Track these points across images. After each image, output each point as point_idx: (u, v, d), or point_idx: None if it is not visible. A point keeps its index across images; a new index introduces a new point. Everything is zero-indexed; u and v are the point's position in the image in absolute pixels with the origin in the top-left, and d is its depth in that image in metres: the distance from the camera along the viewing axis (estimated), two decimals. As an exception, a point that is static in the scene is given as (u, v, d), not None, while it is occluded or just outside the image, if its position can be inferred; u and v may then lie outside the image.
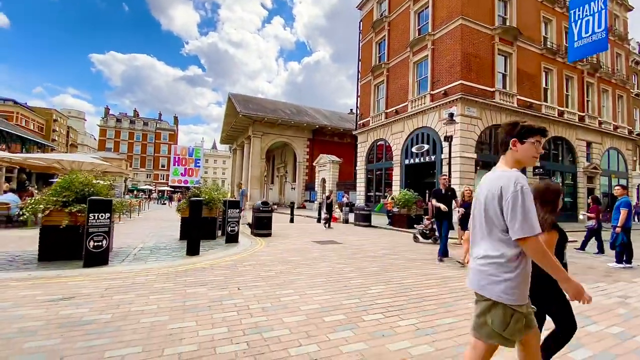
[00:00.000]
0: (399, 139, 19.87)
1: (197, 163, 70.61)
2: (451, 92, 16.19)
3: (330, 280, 4.78)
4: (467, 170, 15.85)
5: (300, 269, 5.45)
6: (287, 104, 39.17)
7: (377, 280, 4.81)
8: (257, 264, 5.77)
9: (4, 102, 60.29)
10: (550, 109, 19.01)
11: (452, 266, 5.99)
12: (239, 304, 3.63)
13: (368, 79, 23.60)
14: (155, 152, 72.45)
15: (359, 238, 9.90)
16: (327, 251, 7.29)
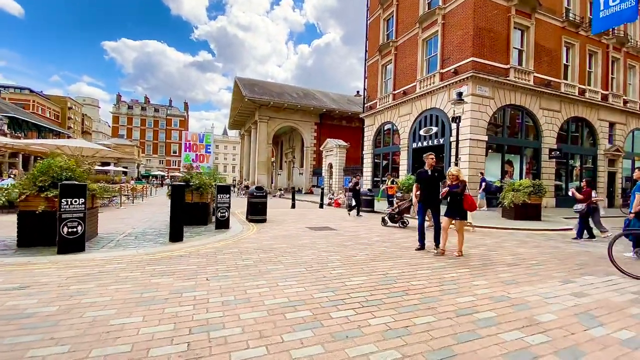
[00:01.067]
0: (407, 122, 19.09)
1: (207, 149, 70.90)
2: (462, 70, 15.26)
3: (310, 269, 4.42)
4: (477, 154, 15.08)
5: (282, 257, 5.12)
6: (295, 88, 38.42)
7: (360, 271, 4.42)
8: (238, 251, 5.47)
9: (20, 90, 61.65)
10: (570, 87, 17.78)
11: (446, 256, 5.54)
12: (200, 296, 3.32)
13: (375, 58, 22.63)
14: (166, 139, 73.17)
15: (356, 224, 9.51)
16: (318, 238, 6.94)
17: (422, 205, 5.87)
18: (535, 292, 3.67)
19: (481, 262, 5.12)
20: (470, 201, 5.37)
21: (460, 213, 5.42)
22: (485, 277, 4.27)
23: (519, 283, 4.02)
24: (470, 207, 5.42)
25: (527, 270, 4.65)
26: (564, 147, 17.34)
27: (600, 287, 3.96)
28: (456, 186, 5.41)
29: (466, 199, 5.35)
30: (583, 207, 7.29)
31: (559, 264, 5.07)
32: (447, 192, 5.45)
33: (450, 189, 5.44)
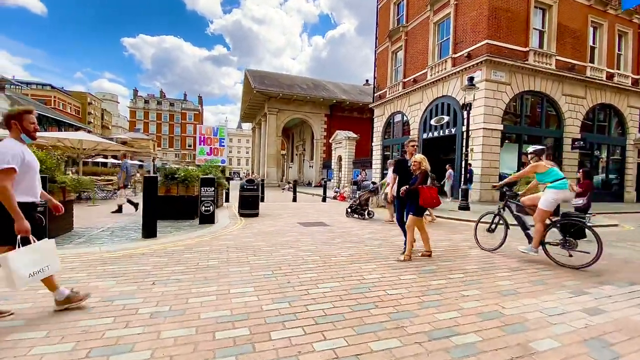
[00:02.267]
0: (417, 111, 18.15)
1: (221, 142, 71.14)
2: (475, 54, 14.20)
3: (277, 273, 3.90)
4: (491, 144, 14.08)
5: (253, 257, 4.61)
6: (305, 79, 37.72)
7: (334, 275, 3.86)
8: (209, 249, 5.00)
9: (42, 87, 63.59)
10: (597, 71, 16.34)
11: (437, 258, 4.89)
12: (130, 305, 2.85)
13: (385, 45, 21.62)
14: (182, 132, 74.17)
15: (353, 219, 8.90)
16: (305, 235, 6.40)
17: (399, 201, 5.01)
18: (537, 307, 3.01)
19: (480, 265, 4.45)
20: (426, 196, 4.47)
21: (415, 208, 4.60)
22: (480, 285, 3.62)
23: (519, 294, 3.36)
24: (425, 202, 4.52)
25: (533, 277, 3.95)
26: (588, 136, 16.01)
27: (620, 300, 3.24)
28: (416, 178, 4.62)
29: (421, 194, 4.48)
30: (583, 201, 6.43)
31: (572, 270, 4.33)
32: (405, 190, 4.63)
33: (412, 181, 4.67)
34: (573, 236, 4.55)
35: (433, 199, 4.54)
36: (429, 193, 4.50)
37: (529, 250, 4.81)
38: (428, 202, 4.52)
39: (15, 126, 2.59)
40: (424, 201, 4.48)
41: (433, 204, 4.62)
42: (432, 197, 4.53)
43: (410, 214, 4.67)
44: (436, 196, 4.60)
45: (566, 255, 4.62)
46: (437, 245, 5.68)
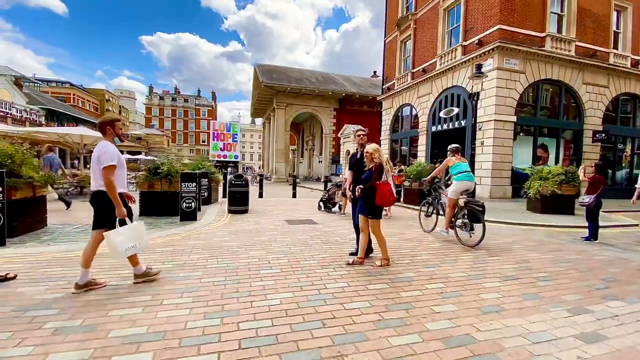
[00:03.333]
0: (426, 103, 17.33)
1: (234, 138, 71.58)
2: (487, 40, 13.29)
3: (229, 280, 3.47)
4: (503, 137, 13.20)
5: (214, 260, 4.21)
6: (315, 73, 37.08)
7: (294, 283, 3.40)
8: (173, 250, 4.63)
9: (62, 84, 65.51)
10: (621, 57, 15.07)
11: (416, 265, 4.35)
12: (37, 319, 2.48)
13: (394, 34, 20.77)
14: (196, 128, 75.03)
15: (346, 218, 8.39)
16: (285, 234, 5.95)
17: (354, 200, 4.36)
18: (521, 330, 2.46)
19: (467, 272, 3.89)
20: (383, 193, 3.84)
21: (371, 208, 3.97)
22: (460, 298, 3.08)
23: (504, 311, 2.80)
24: (382, 201, 3.88)
25: (527, 289, 3.37)
26: (611, 128, 14.82)
27: (628, 322, 2.64)
28: (369, 172, 3.99)
29: (378, 191, 3.85)
30: (590, 199, 5.68)
31: (576, 280, 3.71)
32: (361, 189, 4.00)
33: (366, 175, 4.03)
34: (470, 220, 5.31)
35: (390, 197, 3.93)
36: (385, 190, 3.86)
37: (442, 231, 5.70)
38: (386, 201, 3.89)
39: (109, 131, 3.21)
40: (382, 199, 3.85)
41: (391, 202, 4.01)
42: (390, 194, 3.90)
43: (367, 215, 4.03)
44: (392, 192, 3.97)
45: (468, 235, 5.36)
46: (427, 247, 5.13)
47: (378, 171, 3.92)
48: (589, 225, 5.91)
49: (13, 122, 28.91)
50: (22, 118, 33.14)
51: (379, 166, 3.93)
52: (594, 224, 5.86)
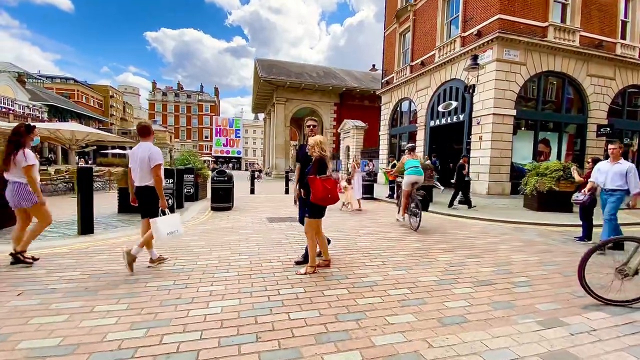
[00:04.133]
0: (425, 97, 16.88)
1: (237, 134, 71.81)
2: (486, 31, 12.80)
3: (178, 284, 3.22)
4: (502, 131, 12.74)
5: (172, 261, 3.97)
6: (316, 67, 36.63)
7: (246, 288, 3.14)
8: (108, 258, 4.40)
9: (66, 80, 65.83)
10: (628, 48, 14.43)
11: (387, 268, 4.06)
12: (-58, 329, 2.26)
13: (393, 27, 20.26)
14: (199, 124, 75.06)
15: (334, 214, 8.10)
16: (260, 233, 5.69)
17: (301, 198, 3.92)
18: (480, 347, 2.16)
19: (440, 275, 3.59)
20: (317, 190, 3.40)
21: (309, 206, 3.58)
22: (422, 306, 2.79)
23: (467, 323, 2.51)
24: (316, 198, 3.42)
25: (500, 296, 3.06)
26: (617, 122, 14.26)
27: (606, 338, 2.33)
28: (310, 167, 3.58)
29: (312, 186, 3.44)
30: (584, 196, 5.30)
31: (558, 286, 3.39)
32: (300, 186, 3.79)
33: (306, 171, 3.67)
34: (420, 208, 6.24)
35: (327, 194, 3.45)
36: (322, 186, 3.42)
37: (399, 217, 7.00)
38: (319, 198, 3.42)
39: (153, 134, 3.81)
40: (315, 197, 3.43)
41: (328, 200, 3.49)
42: (327, 191, 3.43)
43: (306, 215, 3.64)
44: (332, 190, 3.49)
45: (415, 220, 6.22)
46: (404, 247, 4.83)
47: (316, 165, 3.49)
48: (583, 225, 5.56)
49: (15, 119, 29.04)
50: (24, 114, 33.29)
51: (318, 160, 3.49)
52: (587, 224, 5.50)
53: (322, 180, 3.44)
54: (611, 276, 2.96)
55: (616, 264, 2.96)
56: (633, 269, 2.85)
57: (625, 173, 4.68)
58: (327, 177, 3.51)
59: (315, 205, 3.54)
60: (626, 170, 4.69)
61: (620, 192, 4.73)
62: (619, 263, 2.94)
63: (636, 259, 2.87)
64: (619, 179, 4.72)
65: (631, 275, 2.86)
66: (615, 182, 4.76)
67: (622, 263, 2.93)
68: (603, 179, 4.94)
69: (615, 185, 4.76)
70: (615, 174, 4.77)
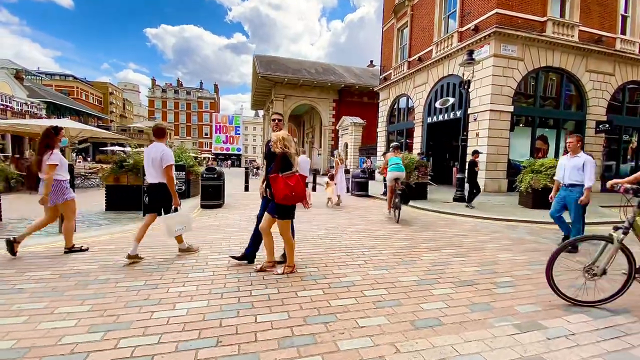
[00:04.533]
0: (422, 93, 16.71)
1: (237, 130, 71.63)
2: (483, 26, 12.61)
3: (148, 285, 3.13)
4: (499, 128, 12.60)
5: (148, 260, 3.88)
6: (315, 63, 36.37)
7: (218, 289, 3.04)
8: (112, 249, 4.32)
9: (65, 77, 65.69)
10: (629, 43, 14.22)
11: (362, 268, 3.96)
12: None
13: (391, 22, 20.05)
14: (198, 121, 74.88)
15: (325, 212, 7.99)
16: (244, 231, 5.55)
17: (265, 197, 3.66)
18: (449, 352, 2.06)
19: (421, 277, 3.48)
20: (277, 188, 3.21)
21: (276, 206, 3.36)
22: (396, 308, 2.69)
23: (441, 326, 2.41)
24: (278, 197, 3.22)
25: (480, 297, 2.96)
26: (616, 119, 14.08)
27: (584, 343, 2.22)
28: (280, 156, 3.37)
29: (273, 186, 3.25)
30: None
31: (541, 286, 3.26)
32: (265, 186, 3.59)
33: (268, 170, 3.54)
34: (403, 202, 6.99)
35: (290, 192, 3.21)
36: (283, 185, 3.20)
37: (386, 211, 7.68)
38: (281, 197, 3.21)
39: (167, 136, 3.97)
40: (277, 196, 3.23)
41: (290, 199, 3.26)
42: (289, 188, 3.21)
43: (272, 214, 3.39)
44: (295, 187, 3.24)
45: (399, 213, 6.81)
46: (390, 246, 4.73)
47: (278, 162, 3.34)
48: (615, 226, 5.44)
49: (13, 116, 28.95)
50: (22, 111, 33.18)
51: (280, 156, 3.33)
52: None
53: (285, 177, 3.24)
54: (580, 277, 2.88)
55: (584, 264, 2.87)
56: (601, 269, 2.76)
57: (582, 166, 4.44)
58: (290, 174, 3.31)
59: (281, 205, 3.33)
60: (582, 163, 4.45)
61: (580, 187, 4.47)
62: (587, 263, 2.85)
63: (604, 258, 2.77)
64: (577, 174, 4.49)
65: (599, 275, 2.76)
66: (573, 177, 4.53)
67: (590, 263, 2.83)
68: (562, 174, 4.73)
69: (573, 180, 4.52)
70: (573, 168, 4.53)
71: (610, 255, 2.74)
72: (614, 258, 2.75)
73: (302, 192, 3.37)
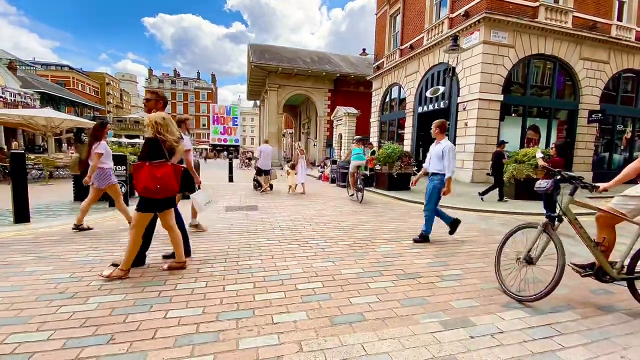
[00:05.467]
0: (413, 82, 16.37)
1: (235, 121, 71.06)
2: (473, 11, 12.22)
3: (74, 277, 2.98)
4: (489, 117, 12.31)
5: (88, 251, 3.73)
6: (310, 52, 35.77)
7: (141, 280, 2.88)
8: (56, 240, 4.17)
9: (61, 68, 65.08)
10: (624, 30, 13.80)
11: (316, 258, 3.79)
12: None
13: (384, 8, 19.55)
14: (196, 111, 74.38)
15: (297, 204, 7.82)
16: (204, 223, 5.42)
17: None
18: (357, 352, 1.90)
19: (366, 269, 3.32)
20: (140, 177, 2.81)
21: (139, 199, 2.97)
22: (325, 302, 2.52)
23: (362, 322, 2.24)
24: (137, 187, 2.83)
25: (418, 290, 2.80)
26: (610, 108, 13.75)
27: (508, 342, 2.06)
28: None
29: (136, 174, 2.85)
30: (547, 184, 4.93)
31: (490, 279, 3.11)
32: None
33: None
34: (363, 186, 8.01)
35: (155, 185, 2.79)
36: (148, 174, 2.79)
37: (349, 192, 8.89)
38: (141, 187, 2.81)
39: (183, 126, 4.31)
40: (137, 185, 2.83)
41: (154, 192, 2.81)
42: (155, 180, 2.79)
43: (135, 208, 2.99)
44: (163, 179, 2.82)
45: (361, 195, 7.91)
46: (349, 237, 4.56)
47: (146, 147, 2.92)
48: (547, 214, 5.25)
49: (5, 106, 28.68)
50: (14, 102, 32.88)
51: (148, 141, 2.90)
52: (552, 212, 5.18)
53: (152, 167, 2.83)
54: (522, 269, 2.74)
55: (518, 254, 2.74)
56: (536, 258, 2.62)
57: (442, 154, 4.18)
58: (159, 163, 2.87)
59: (143, 197, 2.88)
60: (442, 150, 4.18)
61: (441, 175, 4.20)
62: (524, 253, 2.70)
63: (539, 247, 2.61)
64: (438, 162, 4.22)
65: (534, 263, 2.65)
66: (435, 165, 4.27)
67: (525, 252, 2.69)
68: (428, 162, 4.48)
69: (435, 169, 4.27)
70: (435, 156, 4.28)
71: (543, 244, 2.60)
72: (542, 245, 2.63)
73: (171, 186, 2.90)
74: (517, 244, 2.79)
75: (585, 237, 2.55)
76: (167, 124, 2.94)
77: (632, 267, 2.52)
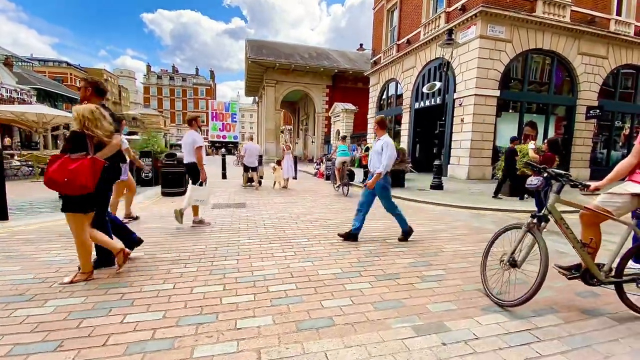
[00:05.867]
0: (410, 77, 16.19)
1: (233, 118, 70.77)
2: (470, 5, 12.03)
3: (37, 280, 2.86)
4: (485, 113, 12.17)
5: (59, 250, 3.61)
6: (309, 48, 35.46)
7: (107, 282, 2.76)
8: (34, 238, 4.05)
9: (58, 64, 64.70)
10: (623, 25, 13.60)
11: (295, 258, 3.67)
12: None
13: (381, 3, 19.32)
14: (194, 108, 74.10)
15: (287, 201, 7.69)
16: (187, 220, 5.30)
17: None
18: (318, 361, 1.78)
19: (345, 269, 3.20)
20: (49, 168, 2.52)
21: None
22: (295, 306, 2.40)
23: (329, 328, 2.12)
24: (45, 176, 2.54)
25: (394, 292, 2.67)
26: (608, 104, 13.60)
27: (482, 349, 1.93)
28: None
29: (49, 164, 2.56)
30: (538, 181, 4.79)
31: (473, 280, 3.00)
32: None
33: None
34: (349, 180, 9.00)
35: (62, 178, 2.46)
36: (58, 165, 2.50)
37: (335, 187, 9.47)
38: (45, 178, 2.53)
39: (194, 123, 4.90)
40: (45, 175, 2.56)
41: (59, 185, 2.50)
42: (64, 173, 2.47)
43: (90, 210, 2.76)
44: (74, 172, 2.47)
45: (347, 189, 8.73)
46: (333, 236, 4.44)
47: (70, 141, 2.64)
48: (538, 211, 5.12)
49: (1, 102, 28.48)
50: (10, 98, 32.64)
51: (73, 135, 2.64)
52: (538, 207, 5.07)
53: (70, 159, 2.53)
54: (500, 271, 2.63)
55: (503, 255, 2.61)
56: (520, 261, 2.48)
57: (381, 149, 4.01)
58: (78, 156, 2.56)
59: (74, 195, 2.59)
60: (381, 146, 4.01)
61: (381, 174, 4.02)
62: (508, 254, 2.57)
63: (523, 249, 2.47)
64: (377, 159, 4.06)
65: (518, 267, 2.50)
66: (376, 164, 4.09)
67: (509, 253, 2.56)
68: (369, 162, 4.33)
69: (375, 167, 4.10)
70: (375, 153, 4.12)
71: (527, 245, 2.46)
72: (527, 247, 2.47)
73: (80, 182, 2.50)
74: (506, 244, 2.65)
75: (571, 238, 2.42)
76: (97, 118, 2.63)
77: (620, 270, 2.39)
